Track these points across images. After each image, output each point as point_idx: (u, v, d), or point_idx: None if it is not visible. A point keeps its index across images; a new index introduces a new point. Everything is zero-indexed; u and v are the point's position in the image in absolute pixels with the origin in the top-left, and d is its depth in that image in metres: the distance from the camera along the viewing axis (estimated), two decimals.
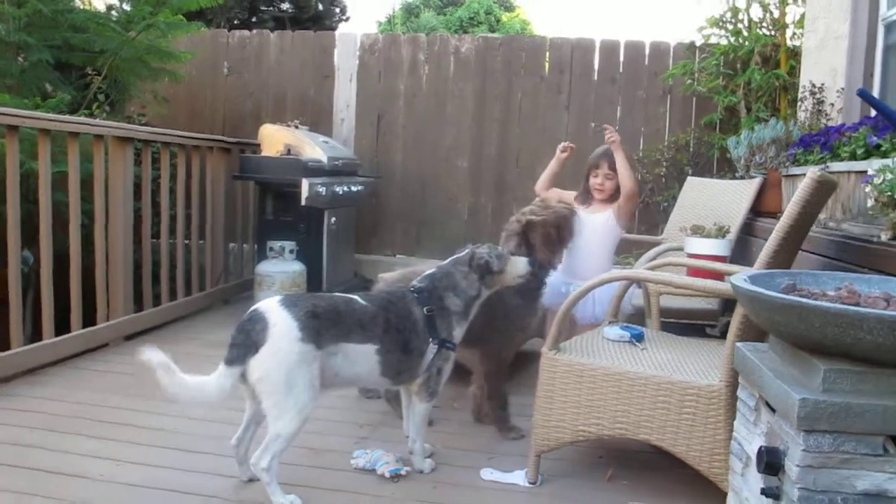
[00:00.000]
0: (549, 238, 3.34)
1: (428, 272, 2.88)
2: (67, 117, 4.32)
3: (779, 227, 2.35)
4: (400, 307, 2.71)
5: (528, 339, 3.82)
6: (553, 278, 3.80)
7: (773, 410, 1.73)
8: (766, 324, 1.75)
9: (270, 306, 2.50)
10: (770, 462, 1.64)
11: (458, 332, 2.84)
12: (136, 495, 2.52)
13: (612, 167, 3.81)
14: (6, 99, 4.69)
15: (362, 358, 2.59)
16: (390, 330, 2.63)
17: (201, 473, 2.75)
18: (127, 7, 5.96)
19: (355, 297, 2.69)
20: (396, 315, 2.67)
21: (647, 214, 6.29)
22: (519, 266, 2.97)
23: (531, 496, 2.69)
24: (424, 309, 2.72)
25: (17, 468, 2.74)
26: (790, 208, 2.34)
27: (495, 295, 3.16)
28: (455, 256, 2.93)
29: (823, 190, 2.39)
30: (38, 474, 2.70)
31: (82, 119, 4.50)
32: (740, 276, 1.87)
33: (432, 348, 2.72)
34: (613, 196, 3.85)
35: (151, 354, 2.35)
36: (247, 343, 2.45)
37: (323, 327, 2.49)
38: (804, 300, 1.61)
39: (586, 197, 3.97)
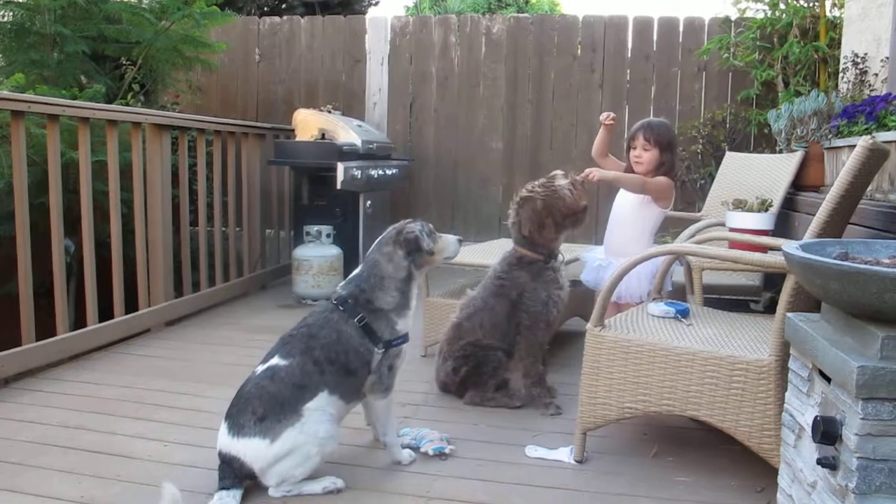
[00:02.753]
0: (537, 217, 3.25)
1: (354, 272, 2.69)
2: (106, 105, 4.36)
3: (829, 198, 2.30)
4: (324, 336, 2.51)
5: (560, 315, 3.59)
6: (591, 255, 3.89)
7: (828, 380, 1.70)
8: (821, 292, 1.71)
9: (226, 443, 2.40)
10: (826, 431, 1.61)
11: (404, 323, 2.64)
12: (185, 475, 2.55)
13: (649, 138, 3.70)
14: (44, 90, 4.75)
15: (319, 413, 2.43)
16: (324, 366, 2.47)
17: None
18: None
19: (272, 360, 2.49)
20: (323, 347, 2.49)
21: (684, 192, 6.21)
22: (449, 245, 2.79)
23: (577, 473, 2.68)
24: (355, 320, 2.55)
25: (67, 449, 2.78)
26: (841, 178, 2.29)
27: (506, 289, 3.26)
28: (380, 237, 2.71)
29: (875, 158, 2.33)
30: (87, 455, 2.74)
31: (120, 107, 4.55)
32: (793, 245, 1.83)
33: (378, 354, 2.57)
34: (656, 170, 3.71)
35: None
36: (237, 475, 2.39)
37: (273, 420, 2.38)
38: (861, 266, 1.57)
39: (630, 171, 3.84)
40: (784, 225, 3.99)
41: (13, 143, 3.57)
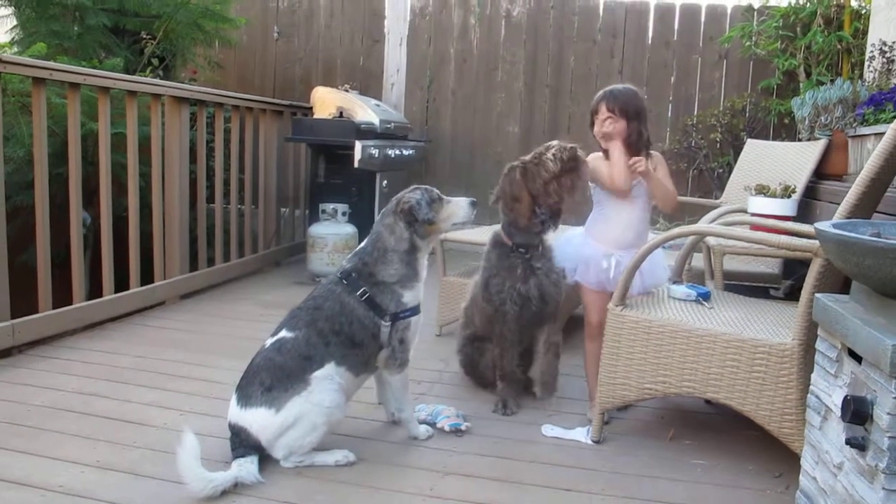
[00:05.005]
0: (512, 188, 2.91)
1: (360, 245, 2.65)
2: (126, 76, 4.36)
3: (859, 181, 2.26)
4: (328, 308, 2.50)
5: (557, 310, 3.20)
6: (592, 251, 3.15)
7: (858, 360, 1.68)
8: (854, 269, 1.69)
9: (235, 413, 2.42)
10: (857, 411, 1.59)
11: (412, 295, 2.58)
12: (200, 443, 2.53)
13: (613, 109, 2.98)
14: (64, 61, 4.74)
15: (327, 382, 2.42)
16: (329, 338, 2.46)
17: None
18: None
19: (280, 333, 2.50)
20: (327, 319, 2.48)
21: (702, 181, 6.18)
22: (458, 210, 2.67)
23: (594, 453, 2.67)
24: (357, 294, 2.52)
25: (83, 415, 2.78)
26: (872, 161, 2.25)
27: (483, 273, 3.02)
28: (384, 209, 2.66)
29: None
30: (103, 421, 2.74)
31: (141, 78, 4.53)
32: (825, 223, 1.81)
33: (386, 327, 2.53)
34: (629, 147, 2.98)
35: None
36: (246, 445, 2.39)
37: (280, 389, 2.39)
38: None
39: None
40: (805, 213, 3.95)
41: (34, 112, 3.57)
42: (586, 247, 3.06)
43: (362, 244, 2.65)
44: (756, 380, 2.40)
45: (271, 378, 2.40)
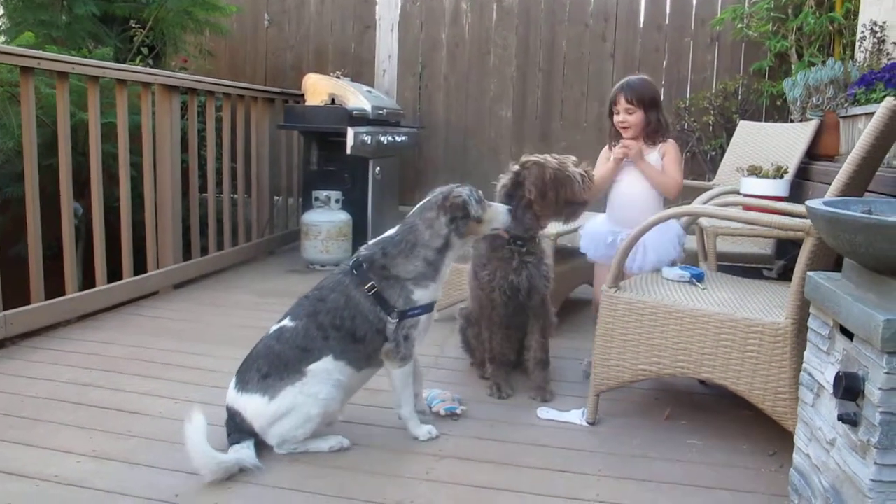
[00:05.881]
0: (543, 185, 2.96)
1: (387, 232, 2.57)
2: (115, 64, 4.33)
3: (850, 159, 2.26)
4: (332, 301, 2.45)
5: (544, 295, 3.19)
6: (598, 228, 3.59)
7: (850, 337, 1.68)
8: (846, 246, 1.69)
9: (232, 397, 2.43)
10: (849, 387, 1.60)
11: (424, 294, 2.49)
12: None
13: (631, 99, 3.42)
14: (54, 50, 4.71)
15: (324, 375, 2.40)
16: (328, 332, 2.42)
17: None
18: None
19: (284, 321, 2.49)
20: (328, 312, 2.43)
21: (695, 164, 6.17)
22: (499, 215, 2.64)
23: (589, 434, 2.68)
24: (365, 288, 2.45)
25: (78, 405, 2.78)
26: (863, 139, 2.25)
27: (476, 258, 3.04)
28: (424, 201, 2.58)
29: None
30: (99, 411, 2.74)
31: (130, 66, 4.51)
32: (817, 201, 1.81)
33: (392, 323, 2.46)
34: (649, 135, 3.48)
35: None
36: (241, 430, 2.39)
37: (275, 378, 2.38)
38: (890, 219, 1.55)
39: (618, 139, 3.56)
40: (798, 193, 3.95)
41: (23, 102, 3.55)
42: (597, 224, 3.46)
43: (390, 232, 2.56)
44: (750, 359, 2.41)
45: (268, 366, 2.40)
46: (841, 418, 1.64)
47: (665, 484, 2.33)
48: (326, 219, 5.20)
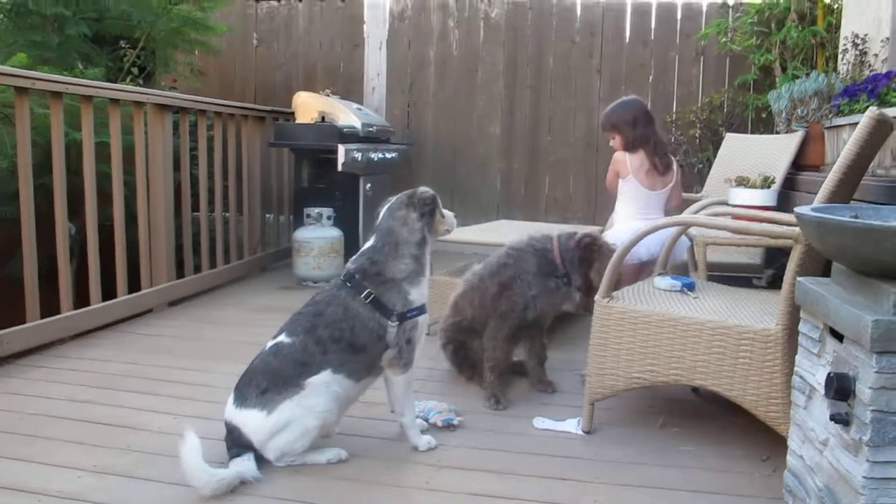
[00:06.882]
0: (595, 268, 3.10)
1: (367, 244, 2.62)
2: (108, 84, 4.35)
3: (836, 168, 2.31)
4: (329, 314, 2.48)
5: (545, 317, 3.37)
6: (616, 231, 3.82)
7: (840, 339, 1.73)
8: (835, 250, 1.74)
9: (231, 412, 2.44)
10: (840, 387, 1.64)
11: (418, 293, 2.55)
12: None
13: (606, 128, 4.04)
14: (46, 71, 4.73)
15: (323, 388, 2.42)
16: (327, 346, 2.44)
17: None
18: None
19: (280, 337, 2.50)
20: (327, 326, 2.46)
21: (682, 177, 6.20)
22: (451, 219, 2.75)
23: (585, 442, 2.71)
24: (362, 297, 2.49)
25: (77, 421, 2.79)
26: (848, 148, 2.31)
27: (506, 269, 3.13)
28: (388, 205, 2.67)
29: (881, 129, 2.35)
30: (98, 427, 2.75)
31: (123, 86, 4.55)
32: (805, 208, 1.86)
33: (393, 327, 2.50)
34: (630, 149, 3.93)
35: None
36: (240, 444, 2.41)
37: (274, 392, 2.40)
38: (877, 223, 1.60)
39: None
40: (785, 204, 4.01)
41: (17, 121, 3.57)
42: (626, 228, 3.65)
43: (370, 242, 2.61)
44: (742, 365, 2.45)
45: (267, 381, 2.42)
46: (833, 418, 1.68)
47: (661, 489, 2.37)
48: (318, 235, 5.23)
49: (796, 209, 1.88)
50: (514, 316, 3.10)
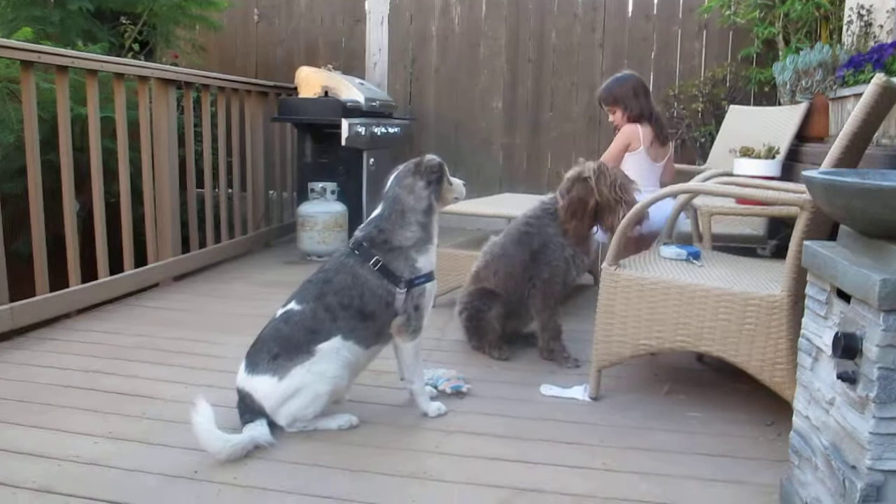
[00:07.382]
0: (577, 207, 3.19)
1: (375, 212, 2.63)
2: (113, 58, 4.35)
3: (842, 135, 2.34)
4: (338, 281, 2.51)
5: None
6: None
7: (847, 300, 1.75)
8: (842, 212, 1.76)
9: (243, 379, 2.49)
10: (847, 346, 1.66)
11: (425, 260, 2.59)
12: None
13: (603, 104, 4.18)
14: (49, 45, 4.73)
15: (333, 354, 2.46)
16: (337, 312, 2.48)
17: None
18: None
19: (289, 305, 2.54)
20: (336, 293, 2.49)
21: (685, 151, 6.25)
22: (460, 186, 2.76)
23: (592, 408, 2.75)
24: (370, 264, 2.53)
25: (89, 390, 2.83)
26: (854, 115, 2.33)
27: (530, 237, 3.20)
28: (396, 173, 2.67)
29: (888, 97, 2.37)
30: (112, 396, 2.79)
31: (128, 60, 4.54)
32: (813, 171, 1.88)
33: (401, 294, 2.54)
34: (634, 122, 4.02)
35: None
36: (252, 410, 2.45)
37: (285, 358, 2.44)
38: (885, 183, 1.62)
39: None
40: (789, 175, 4.03)
41: (24, 96, 3.57)
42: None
43: (377, 211, 2.63)
44: (747, 331, 2.49)
45: (278, 347, 2.46)
46: (840, 377, 1.71)
47: (668, 452, 2.41)
48: (322, 210, 5.25)
49: (804, 172, 1.90)
50: (559, 280, 3.23)
